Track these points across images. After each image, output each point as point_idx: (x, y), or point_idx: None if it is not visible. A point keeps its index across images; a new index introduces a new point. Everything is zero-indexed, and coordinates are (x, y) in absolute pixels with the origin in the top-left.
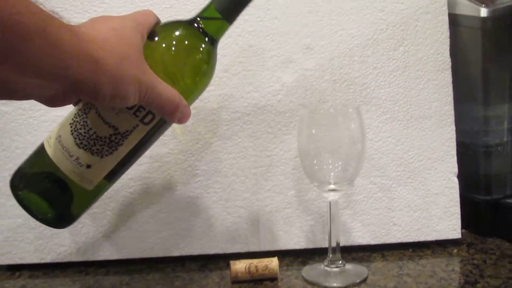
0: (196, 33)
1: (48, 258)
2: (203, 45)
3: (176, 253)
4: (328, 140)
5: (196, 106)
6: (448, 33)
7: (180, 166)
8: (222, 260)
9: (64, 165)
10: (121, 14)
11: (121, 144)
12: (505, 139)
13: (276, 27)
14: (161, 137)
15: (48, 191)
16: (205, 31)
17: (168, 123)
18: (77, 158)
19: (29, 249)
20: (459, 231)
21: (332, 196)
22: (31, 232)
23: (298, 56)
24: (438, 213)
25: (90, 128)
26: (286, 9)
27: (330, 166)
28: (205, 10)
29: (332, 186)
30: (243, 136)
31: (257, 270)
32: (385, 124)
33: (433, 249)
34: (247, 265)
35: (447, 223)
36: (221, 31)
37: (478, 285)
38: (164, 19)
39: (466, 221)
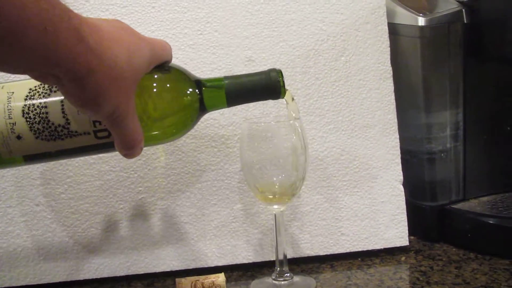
0: (194, 95)
1: None
2: (193, 110)
3: (122, 272)
4: (270, 152)
5: None
6: (388, 43)
7: (122, 184)
8: (169, 277)
9: None
10: None
11: (62, 139)
12: (448, 145)
13: (216, 40)
14: (102, 155)
15: None
16: (202, 98)
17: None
18: (14, 124)
19: None
20: (407, 238)
21: (276, 209)
22: None
23: (240, 68)
24: (385, 221)
25: (46, 107)
26: (226, 22)
27: (274, 178)
28: (215, 82)
29: (276, 199)
30: (186, 150)
31: (203, 287)
32: (329, 134)
33: (382, 257)
34: (193, 282)
35: (394, 231)
36: (216, 108)
37: None
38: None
39: (414, 228)
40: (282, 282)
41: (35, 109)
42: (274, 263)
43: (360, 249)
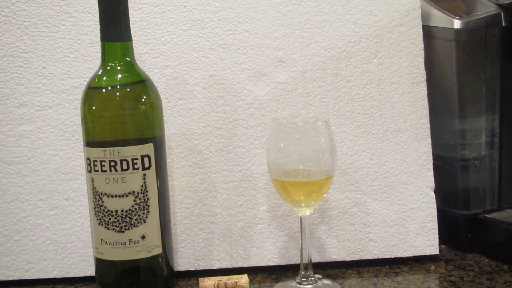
0: None
1: (15, 275)
2: None
3: None
4: (297, 154)
5: (167, 119)
6: (422, 45)
7: None
8: (193, 277)
9: None
10: None
11: None
12: (483, 152)
13: (247, 40)
14: None
15: None
16: None
17: None
18: None
19: None
20: (437, 246)
21: (303, 212)
22: None
23: (270, 69)
24: (415, 229)
25: None
26: (257, 22)
27: (301, 180)
28: None
29: (302, 201)
30: (214, 150)
31: (226, 287)
32: (359, 137)
33: (410, 265)
34: (216, 282)
35: (424, 239)
36: None
37: None
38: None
39: (445, 237)
40: (306, 286)
41: None
42: (299, 266)
43: (388, 256)
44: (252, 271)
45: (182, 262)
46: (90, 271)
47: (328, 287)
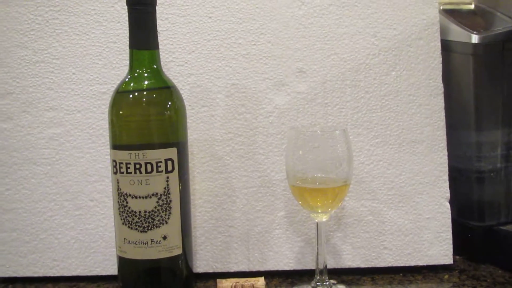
0: None
1: (40, 272)
2: None
3: None
4: (315, 161)
5: (189, 126)
6: (440, 59)
7: None
8: (211, 279)
9: None
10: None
11: None
12: (498, 165)
13: (269, 51)
14: None
15: None
16: None
17: None
18: None
19: (22, 263)
20: (451, 256)
21: (319, 218)
22: (25, 246)
23: (290, 79)
24: (429, 238)
25: None
26: (279, 34)
27: (318, 187)
28: None
29: (319, 207)
30: (235, 156)
31: None
32: (376, 147)
33: (424, 274)
34: (234, 284)
35: (438, 248)
36: None
37: None
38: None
39: (459, 248)
40: None
41: None
42: (315, 272)
43: (402, 264)
44: (268, 275)
45: (201, 264)
46: (112, 270)
47: None
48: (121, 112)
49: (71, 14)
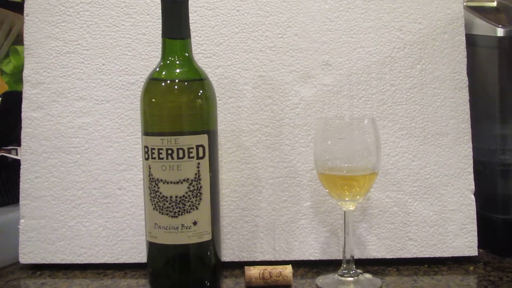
0: None
1: (68, 259)
2: None
3: None
4: (343, 150)
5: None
6: (465, 53)
7: None
8: (238, 267)
9: None
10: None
11: None
12: None
13: (296, 44)
14: None
15: None
16: None
17: None
18: None
19: (50, 250)
20: (476, 248)
21: (347, 206)
22: (53, 234)
23: (316, 71)
24: (454, 230)
25: None
26: (306, 27)
27: (345, 175)
28: None
29: (346, 196)
30: (261, 147)
31: (270, 276)
32: (401, 139)
33: (449, 265)
34: (261, 271)
35: (463, 240)
36: None
37: None
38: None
39: (483, 241)
40: (348, 278)
41: None
42: (340, 262)
43: (427, 255)
44: (294, 265)
45: (227, 253)
46: (140, 258)
47: (369, 281)
48: (153, 100)
49: (101, 6)
